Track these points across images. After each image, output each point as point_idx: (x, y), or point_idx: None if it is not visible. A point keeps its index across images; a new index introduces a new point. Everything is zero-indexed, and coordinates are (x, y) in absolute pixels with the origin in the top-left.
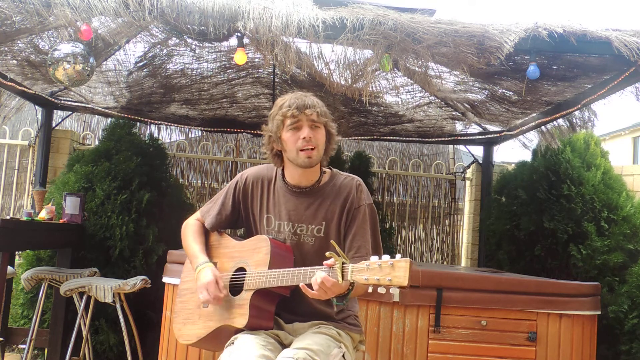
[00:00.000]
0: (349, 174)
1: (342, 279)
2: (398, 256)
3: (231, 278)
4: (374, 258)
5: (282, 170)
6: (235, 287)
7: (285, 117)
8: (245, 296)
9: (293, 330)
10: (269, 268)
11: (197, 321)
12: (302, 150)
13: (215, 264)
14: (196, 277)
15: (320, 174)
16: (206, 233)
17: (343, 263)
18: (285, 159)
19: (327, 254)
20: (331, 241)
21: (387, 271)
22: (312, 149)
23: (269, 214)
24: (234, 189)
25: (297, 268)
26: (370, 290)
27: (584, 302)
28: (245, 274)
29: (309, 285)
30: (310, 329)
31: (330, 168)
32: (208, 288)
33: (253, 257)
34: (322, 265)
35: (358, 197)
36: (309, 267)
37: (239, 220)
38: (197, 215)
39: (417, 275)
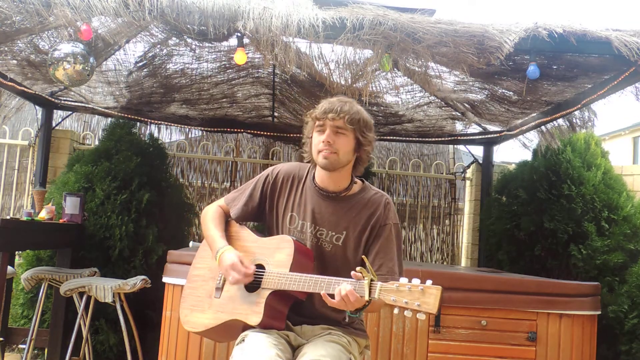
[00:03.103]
0: (380, 190)
1: (369, 296)
2: (429, 282)
3: None
4: (404, 280)
5: (314, 171)
6: (252, 283)
7: (312, 119)
8: (262, 294)
9: (302, 332)
10: (290, 270)
11: (206, 310)
12: (319, 151)
13: None
14: (218, 260)
15: (351, 183)
16: (227, 221)
17: (371, 280)
18: None
19: (357, 269)
20: (362, 256)
21: (417, 296)
22: (330, 152)
23: (293, 212)
24: (264, 182)
25: (321, 276)
26: (396, 311)
27: (584, 302)
28: (264, 271)
29: (331, 295)
30: (321, 336)
31: (362, 180)
32: (235, 268)
33: (274, 256)
34: (344, 277)
35: (385, 215)
36: (334, 277)
37: (263, 214)
38: (220, 202)
39: (417, 275)
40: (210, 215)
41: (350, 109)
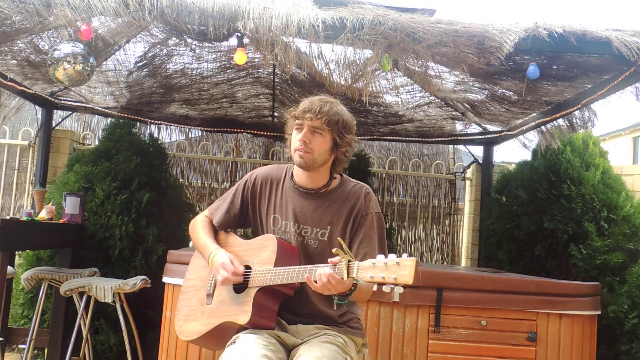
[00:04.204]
0: (359, 182)
1: (348, 276)
2: (405, 255)
3: None
4: (380, 257)
5: (293, 170)
6: (240, 285)
7: (291, 117)
8: (250, 293)
9: (296, 332)
10: (275, 266)
11: (199, 318)
12: (296, 149)
13: None
14: (210, 263)
15: (330, 179)
16: (215, 230)
17: (349, 261)
18: None
19: (333, 250)
20: (338, 238)
21: (393, 269)
22: (305, 152)
23: (276, 213)
24: (243, 188)
25: (303, 266)
26: (375, 288)
27: (584, 302)
28: (250, 271)
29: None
30: (317, 337)
31: (341, 174)
32: (225, 266)
33: (259, 255)
34: (328, 262)
35: (366, 205)
36: (315, 265)
37: (246, 220)
38: (205, 212)
39: (418, 275)
40: (198, 226)
41: (330, 110)
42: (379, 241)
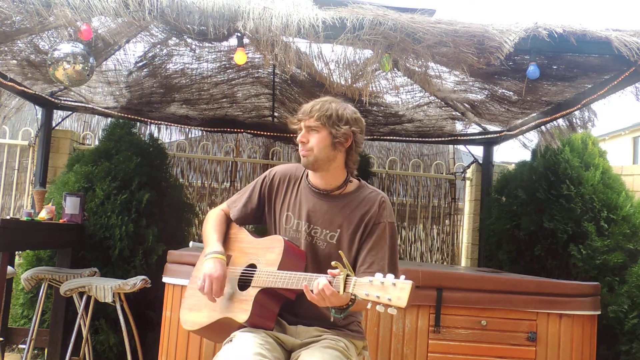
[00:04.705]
0: (376, 189)
1: (344, 291)
2: (402, 277)
3: (242, 273)
4: (379, 275)
5: (309, 171)
6: (245, 283)
7: (292, 124)
8: (251, 293)
9: (296, 333)
10: (278, 269)
11: (202, 309)
12: (300, 151)
13: (229, 257)
14: (205, 262)
15: (345, 182)
16: (228, 224)
17: (347, 275)
18: None
19: (333, 263)
20: (339, 251)
21: (389, 290)
22: (306, 151)
23: (289, 212)
24: (261, 184)
25: (304, 273)
26: (369, 306)
27: (584, 302)
28: (255, 270)
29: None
30: (318, 342)
31: (359, 179)
32: (213, 282)
33: (265, 255)
34: (327, 273)
35: (380, 213)
36: (315, 274)
37: (263, 216)
38: (223, 205)
39: (417, 275)
40: (211, 219)
41: (321, 107)
42: (390, 251)
